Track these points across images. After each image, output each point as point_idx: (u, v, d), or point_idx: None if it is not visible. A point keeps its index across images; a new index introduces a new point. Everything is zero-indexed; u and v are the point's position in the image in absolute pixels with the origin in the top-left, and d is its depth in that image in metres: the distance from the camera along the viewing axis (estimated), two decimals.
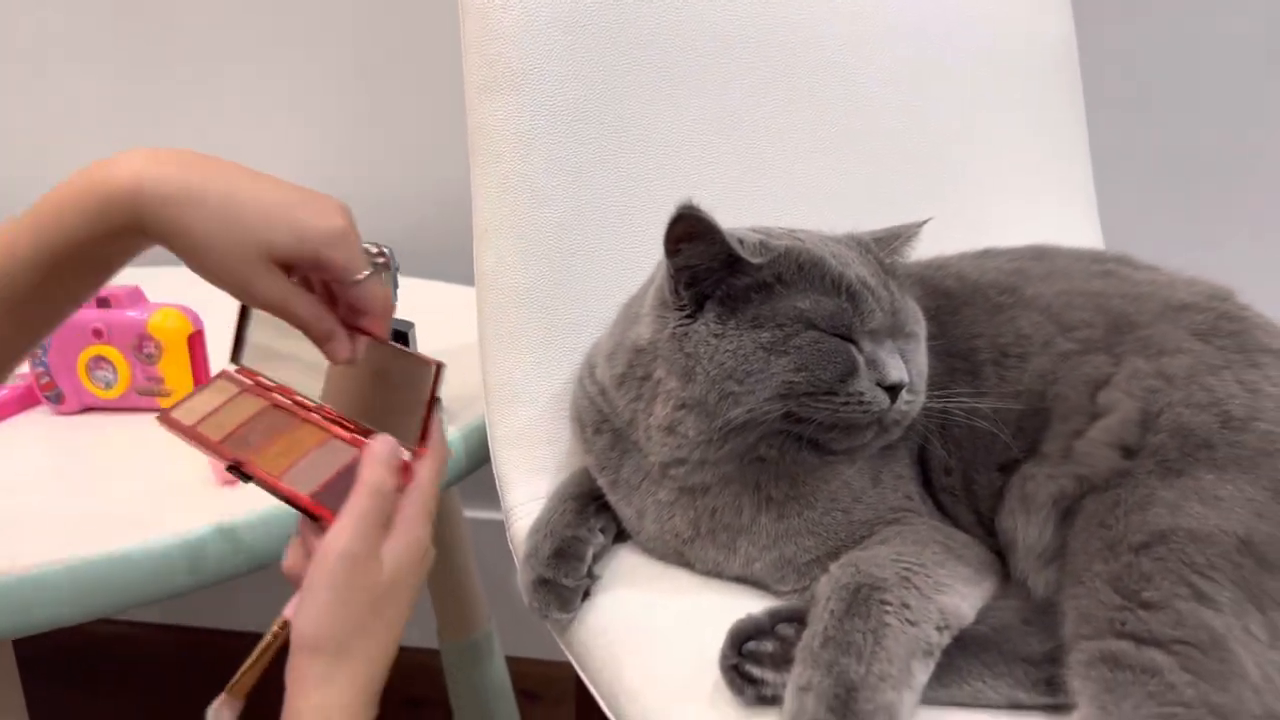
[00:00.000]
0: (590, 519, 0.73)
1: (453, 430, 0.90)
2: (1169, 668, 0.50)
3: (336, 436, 0.62)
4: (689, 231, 0.62)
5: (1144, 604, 0.52)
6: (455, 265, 1.22)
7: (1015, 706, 0.56)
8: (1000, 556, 0.65)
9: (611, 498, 0.73)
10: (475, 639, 1.35)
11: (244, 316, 0.68)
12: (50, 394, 0.97)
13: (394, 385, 0.61)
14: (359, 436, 0.61)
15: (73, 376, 0.96)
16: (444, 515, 1.27)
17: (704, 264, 0.63)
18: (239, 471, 0.61)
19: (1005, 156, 0.99)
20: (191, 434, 0.65)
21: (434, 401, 0.59)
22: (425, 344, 0.92)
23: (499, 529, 0.74)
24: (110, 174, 0.52)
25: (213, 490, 0.81)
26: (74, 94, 1.56)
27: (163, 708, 1.44)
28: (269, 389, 0.67)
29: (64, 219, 0.52)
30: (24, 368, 0.97)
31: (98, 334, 0.94)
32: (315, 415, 0.64)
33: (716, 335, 0.63)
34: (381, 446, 0.57)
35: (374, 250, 0.82)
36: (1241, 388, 0.61)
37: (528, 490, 0.80)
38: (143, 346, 0.95)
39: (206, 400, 0.67)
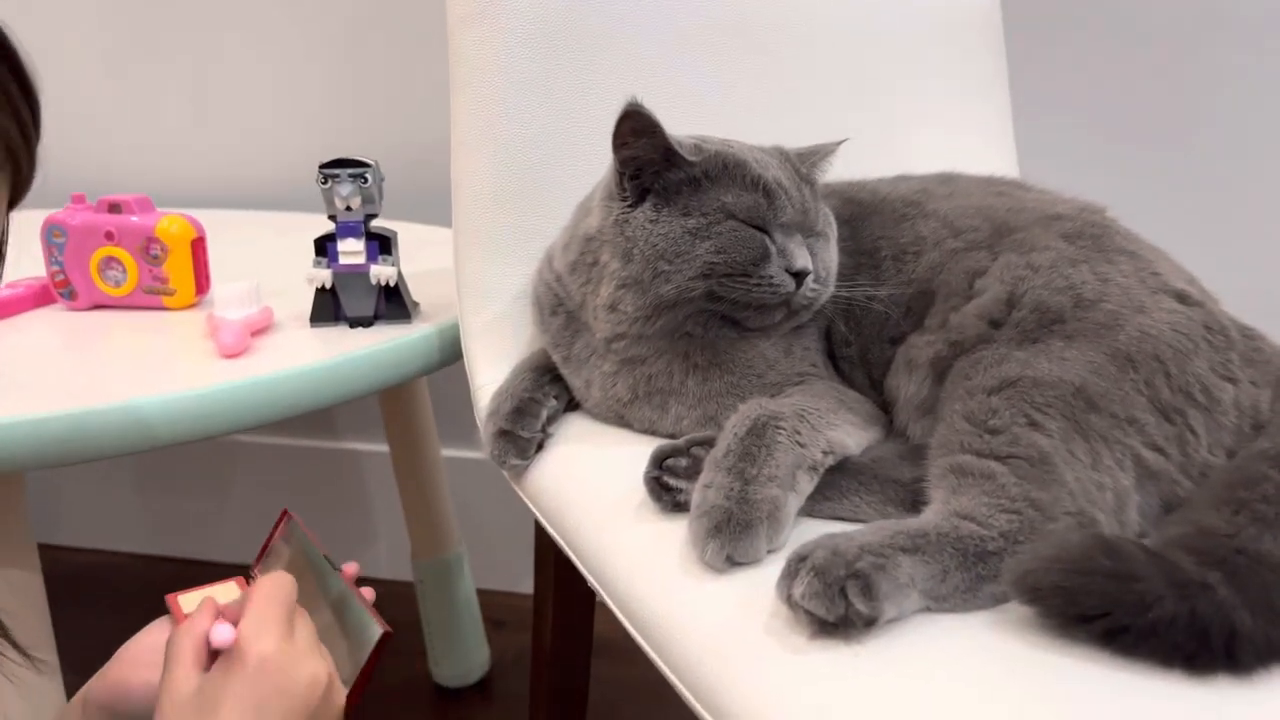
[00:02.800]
0: (545, 386, 0.85)
1: (429, 327, 1.01)
2: (1002, 473, 0.61)
3: None
4: (634, 127, 0.73)
5: (989, 430, 0.64)
6: (432, 210, 1.32)
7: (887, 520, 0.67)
8: (887, 414, 0.76)
9: (564, 371, 0.84)
10: (446, 559, 1.45)
11: (276, 530, 0.73)
12: (64, 290, 1.07)
13: (347, 626, 0.66)
14: None
15: (85, 275, 1.06)
16: (421, 443, 1.38)
17: (646, 156, 0.74)
18: None
19: (931, 100, 1.11)
20: (182, 619, 0.67)
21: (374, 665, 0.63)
22: (405, 265, 1.03)
23: (472, 467, 0.82)
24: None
25: (200, 367, 0.91)
26: (63, 52, 1.64)
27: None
28: None
29: None
30: (41, 268, 1.08)
31: (109, 236, 1.05)
32: None
33: (652, 221, 0.74)
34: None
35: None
36: (1095, 277, 0.72)
37: (492, 374, 0.91)
38: (150, 249, 1.05)
39: (213, 595, 0.70)
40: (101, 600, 1.65)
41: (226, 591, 0.71)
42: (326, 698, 0.58)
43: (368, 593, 0.68)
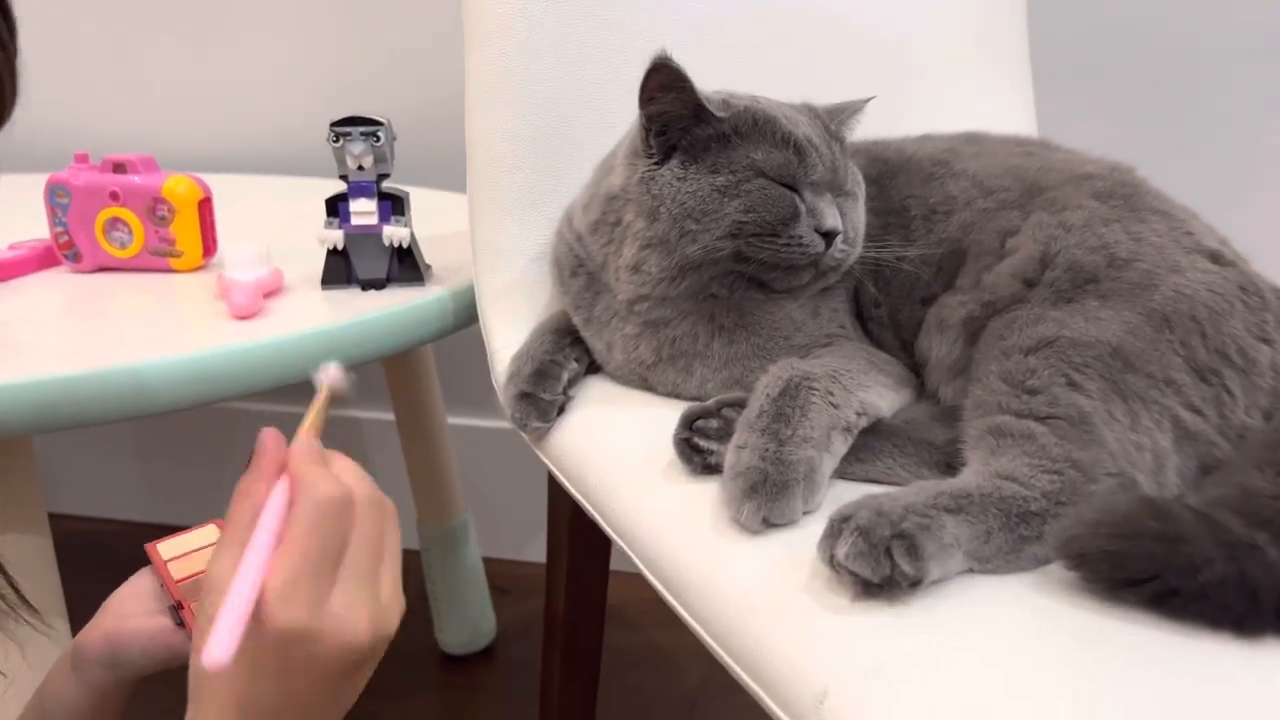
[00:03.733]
0: (566, 349, 0.83)
1: (442, 289, 0.99)
2: (1042, 434, 0.60)
3: None
4: (663, 82, 0.71)
5: (1027, 390, 0.63)
6: (443, 174, 1.30)
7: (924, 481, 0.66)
8: (918, 376, 0.75)
9: (585, 333, 0.83)
10: (452, 526, 1.44)
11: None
12: (69, 253, 1.05)
13: None
14: None
15: (90, 236, 1.04)
16: (426, 410, 1.36)
17: (674, 112, 0.72)
18: (177, 614, 0.64)
19: (953, 63, 1.09)
20: (162, 567, 0.68)
21: None
22: (416, 229, 1.01)
23: (476, 435, 0.80)
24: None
25: (213, 329, 0.89)
26: (64, 9, 1.61)
27: None
28: None
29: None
30: (44, 229, 1.05)
31: (114, 197, 1.02)
32: None
33: (679, 179, 0.73)
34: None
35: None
36: (1128, 236, 0.71)
37: (509, 338, 0.90)
38: (156, 209, 1.03)
39: (193, 540, 0.70)
40: (100, 568, 1.63)
41: (206, 535, 0.70)
42: (365, 658, 0.51)
43: None
